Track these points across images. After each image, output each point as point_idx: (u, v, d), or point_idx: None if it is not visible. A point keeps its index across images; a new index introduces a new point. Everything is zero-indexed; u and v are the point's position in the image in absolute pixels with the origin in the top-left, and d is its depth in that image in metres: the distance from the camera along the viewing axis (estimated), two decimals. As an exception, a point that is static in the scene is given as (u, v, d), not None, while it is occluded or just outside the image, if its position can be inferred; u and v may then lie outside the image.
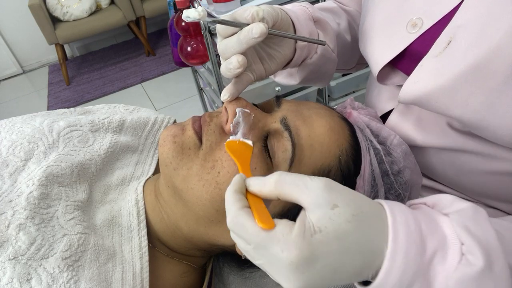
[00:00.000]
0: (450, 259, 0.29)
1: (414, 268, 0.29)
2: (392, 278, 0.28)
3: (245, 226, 0.29)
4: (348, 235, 0.28)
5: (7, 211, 0.42)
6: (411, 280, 0.28)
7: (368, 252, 0.29)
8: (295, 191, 0.30)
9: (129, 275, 0.44)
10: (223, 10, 1.35)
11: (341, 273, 0.29)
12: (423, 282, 0.29)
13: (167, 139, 0.46)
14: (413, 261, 0.29)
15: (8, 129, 0.55)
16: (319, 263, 0.28)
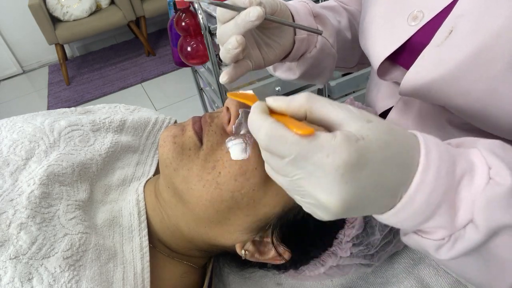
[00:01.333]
0: (477, 182, 0.28)
1: (444, 188, 0.28)
2: (421, 195, 0.28)
3: (283, 136, 0.27)
4: (389, 145, 0.27)
5: (8, 210, 0.42)
6: (439, 201, 0.28)
7: (406, 165, 0.28)
8: (327, 106, 0.28)
9: (130, 275, 0.44)
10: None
11: (381, 187, 0.28)
12: (449, 206, 0.28)
13: (167, 140, 0.46)
14: (443, 179, 0.28)
15: (9, 128, 0.55)
16: (365, 170, 0.26)
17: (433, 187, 0.28)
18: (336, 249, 0.48)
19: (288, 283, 0.58)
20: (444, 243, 0.29)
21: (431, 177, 0.28)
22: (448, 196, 0.28)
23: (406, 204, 0.28)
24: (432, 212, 0.28)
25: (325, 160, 0.26)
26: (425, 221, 0.29)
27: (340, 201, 0.26)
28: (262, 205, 0.45)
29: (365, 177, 0.26)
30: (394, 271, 0.55)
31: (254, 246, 0.48)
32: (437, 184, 0.28)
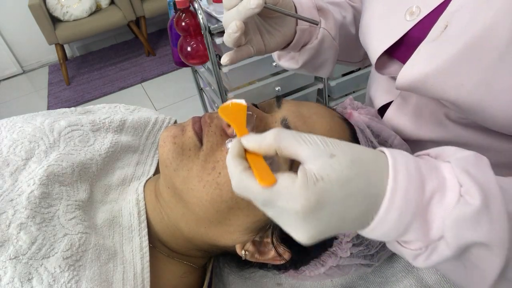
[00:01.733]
0: (448, 200, 0.30)
1: (413, 208, 0.29)
2: (391, 216, 0.29)
3: (249, 187, 0.30)
4: (350, 180, 0.29)
5: (8, 210, 0.42)
6: (410, 219, 0.29)
7: (371, 195, 0.29)
8: (293, 144, 0.30)
9: (130, 275, 0.44)
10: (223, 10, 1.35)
11: (347, 219, 0.29)
12: (421, 222, 0.29)
13: (167, 140, 0.46)
14: (412, 200, 0.29)
15: (9, 128, 0.55)
16: (324, 210, 0.28)
17: (402, 209, 0.29)
18: (336, 249, 0.48)
19: (288, 283, 0.58)
20: (421, 253, 0.31)
21: (399, 200, 0.29)
22: (419, 214, 0.29)
23: (377, 226, 0.30)
24: (404, 229, 0.29)
25: (286, 206, 0.28)
26: (399, 236, 0.30)
27: (307, 237, 0.29)
28: None
29: (327, 215, 0.29)
30: (393, 270, 0.55)
31: (254, 246, 0.48)
32: (406, 206, 0.29)
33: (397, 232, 0.30)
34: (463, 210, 0.29)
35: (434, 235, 0.30)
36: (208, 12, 1.40)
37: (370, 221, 0.30)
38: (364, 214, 0.30)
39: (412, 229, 0.29)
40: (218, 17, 1.35)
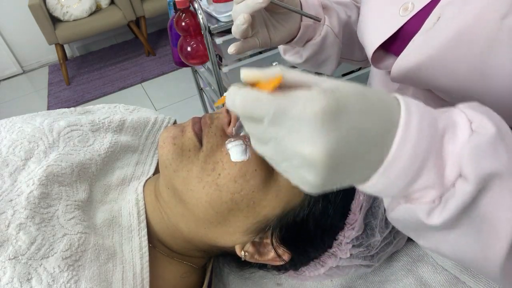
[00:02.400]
0: (460, 135, 0.28)
1: (429, 138, 0.27)
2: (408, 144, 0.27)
3: (258, 97, 0.26)
4: (366, 96, 0.27)
5: (7, 211, 0.42)
6: (426, 151, 0.27)
7: (386, 117, 0.27)
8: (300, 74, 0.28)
9: (129, 275, 0.44)
10: (223, 10, 1.35)
11: (365, 137, 0.27)
12: (435, 161, 0.28)
13: (166, 141, 0.46)
14: (426, 130, 0.27)
15: (8, 128, 0.55)
16: (344, 118, 0.25)
17: (418, 138, 0.27)
18: (336, 250, 0.48)
19: (288, 283, 0.58)
20: (435, 206, 0.28)
21: (414, 128, 0.27)
22: (434, 148, 0.28)
23: (395, 158, 0.27)
24: (420, 167, 0.27)
25: (303, 111, 0.25)
26: (414, 179, 0.28)
27: (324, 151, 0.25)
28: (262, 207, 0.45)
29: (346, 124, 0.26)
30: (392, 269, 0.55)
31: (254, 247, 0.48)
32: (421, 135, 0.27)
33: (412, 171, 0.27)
34: (479, 139, 0.27)
35: (450, 176, 0.28)
36: (208, 12, 1.40)
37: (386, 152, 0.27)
38: (380, 136, 0.27)
39: (427, 169, 0.27)
40: (218, 17, 1.35)
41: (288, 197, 0.45)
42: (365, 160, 0.27)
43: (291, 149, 0.26)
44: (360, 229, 0.46)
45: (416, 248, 0.55)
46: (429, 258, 0.53)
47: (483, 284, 0.46)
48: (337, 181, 0.28)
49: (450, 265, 0.50)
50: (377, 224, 0.47)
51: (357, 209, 0.46)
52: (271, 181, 0.44)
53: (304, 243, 0.47)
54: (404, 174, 0.27)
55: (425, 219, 0.29)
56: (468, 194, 0.27)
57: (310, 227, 0.46)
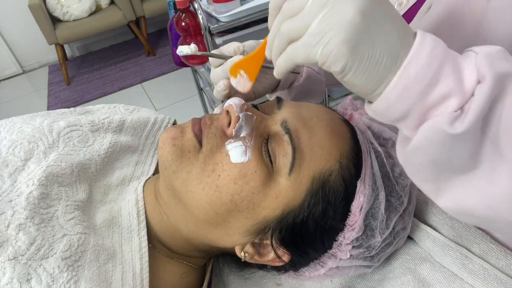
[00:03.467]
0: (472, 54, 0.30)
1: (443, 48, 0.30)
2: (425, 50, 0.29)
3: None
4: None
5: (7, 211, 0.42)
6: (442, 56, 0.29)
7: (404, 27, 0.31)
8: None
9: (129, 275, 0.44)
10: (222, 10, 1.35)
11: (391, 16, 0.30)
12: (453, 66, 0.29)
13: (166, 142, 0.46)
14: (441, 43, 0.30)
15: (8, 129, 0.55)
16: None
17: (434, 43, 0.29)
18: (335, 251, 0.48)
19: (288, 283, 0.58)
20: (458, 115, 0.29)
21: (430, 38, 0.30)
22: (450, 55, 0.30)
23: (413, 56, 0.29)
24: (438, 68, 0.29)
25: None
26: (433, 81, 0.29)
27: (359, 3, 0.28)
28: (262, 208, 0.45)
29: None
30: (391, 267, 0.55)
31: (253, 248, 0.48)
32: (437, 41, 0.30)
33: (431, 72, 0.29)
34: (489, 50, 0.29)
35: (469, 83, 0.29)
36: (208, 12, 1.40)
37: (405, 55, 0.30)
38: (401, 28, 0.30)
39: (445, 73, 0.29)
40: (218, 17, 1.35)
41: (288, 198, 0.44)
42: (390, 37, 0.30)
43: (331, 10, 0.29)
44: (360, 230, 0.46)
45: (415, 246, 0.55)
46: (428, 256, 0.53)
47: (481, 280, 0.46)
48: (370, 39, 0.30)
49: (449, 262, 0.50)
50: (377, 225, 0.47)
51: (357, 210, 0.46)
52: (271, 183, 0.44)
53: (304, 244, 0.47)
54: (422, 74, 0.29)
55: (448, 128, 0.29)
56: (487, 92, 0.28)
57: (310, 228, 0.46)
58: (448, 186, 0.33)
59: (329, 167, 0.45)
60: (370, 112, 0.34)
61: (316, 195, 0.45)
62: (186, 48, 0.48)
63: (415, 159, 0.34)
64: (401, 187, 0.49)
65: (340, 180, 0.45)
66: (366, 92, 0.32)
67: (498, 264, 0.47)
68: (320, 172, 0.45)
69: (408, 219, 0.51)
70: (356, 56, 0.29)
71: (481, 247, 0.49)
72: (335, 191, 0.45)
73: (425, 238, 0.54)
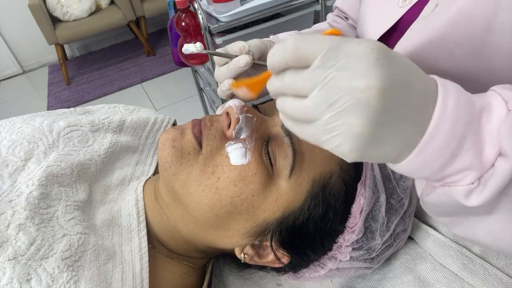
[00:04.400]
0: (496, 114, 0.28)
1: (466, 117, 0.27)
2: (445, 122, 0.27)
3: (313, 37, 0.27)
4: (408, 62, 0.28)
5: (7, 211, 0.42)
6: (464, 130, 0.27)
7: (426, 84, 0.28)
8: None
9: (129, 275, 0.44)
10: (222, 10, 1.35)
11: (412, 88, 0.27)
12: (475, 137, 0.27)
13: (166, 143, 0.46)
14: (464, 108, 0.27)
15: (8, 129, 0.55)
16: (396, 61, 0.27)
17: (456, 116, 0.27)
18: (335, 253, 0.48)
19: (288, 283, 0.58)
20: (474, 187, 0.28)
21: (452, 105, 0.27)
22: (472, 128, 0.27)
23: (432, 134, 0.27)
24: (458, 145, 0.27)
25: (358, 47, 0.26)
26: (451, 159, 0.28)
27: (380, 82, 0.25)
28: (262, 211, 0.44)
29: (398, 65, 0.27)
30: (391, 267, 0.55)
31: (253, 249, 0.48)
32: (458, 113, 0.27)
33: (449, 149, 0.27)
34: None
35: (489, 155, 0.27)
36: (208, 12, 1.40)
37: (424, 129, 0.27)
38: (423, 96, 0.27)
39: (466, 149, 0.27)
40: (218, 17, 1.35)
41: (288, 201, 0.44)
42: (411, 112, 0.27)
43: (342, 86, 0.26)
44: (360, 232, 0.46)
45: (415, 246, 0.55)
46: (428, 256, 0.53)
47: (481, 280, 0.46)
48: (381, 140, 0.27)
49: (449, 262, 0.50)
50: (378, 228, 0.47)
51: (357, 212, 0.46)
52: (271, 185, 0.44)
53: (303, 246, 0.47)
54: (440, 153, 0.27)
55: (463, 200, 0.28)
56: (508, 170, 0.26)
57: (310, 230, 0.46)
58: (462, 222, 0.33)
59: (330, 169, 0.45)
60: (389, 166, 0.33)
61: (316, 198, 0.45)
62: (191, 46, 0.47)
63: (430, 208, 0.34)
64: (402, 189, 0.49)
65: (341, 182, 0.45)
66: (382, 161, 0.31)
67: (498, 264, 0.47)
68: (321, 175, 0.45)
69: (408, 220, 0.51)
70: (365, 155, 0.28)
71: (481, 247, 0.49)
72: (335, 193, 0.45)
73: (425, 238, 0.54)
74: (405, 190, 0.49)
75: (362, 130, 0.26)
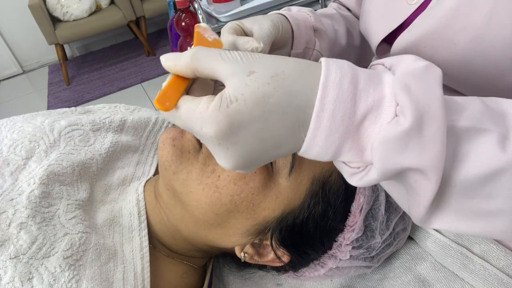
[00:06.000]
0: (381, 120, 0.27)
1: (342, 129, 0.27)
2: (318, 140, 0.27)
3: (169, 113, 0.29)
4: (268, 97, 0.26)
5: (8, 210, 0.42)
6: (338, 143, 0.27)
7: (295, 111, 0.27)
8: (212, 62, 0.28)
9: (130, 275, 0.44)
10: (223, 10, 1.35)
11: (270, 140, 0.27)
12: (353, 144, 0.27)
13: (166, 142, 0.46)
14: (340, 121, 0.27)
15: (9, 128, 0.55)
16: (240, 134, 0.27)
17: (330, 131, 0.27)
18: (335, 251, 0.48)
19: (288, 283, 0.58)
20: (357, 172, 0.29)
21: (326, 121, 0.27)
22: (350, 136, 0.27)
23: (307, 149, 0.28)
24: (335, 152, 0.28)
25: (202, 132, 0.27)
26: (333, 158, 0.28)
27: (231, 165, 0.28)
28: (262, 209, 0.45)
29: (244, 139, 0.27)
30: (391, 266, 0.55)
31: (253, 248, 0.48)
32: (332, 128, 0.27)
33: (328, 155, 0.28)
34: (390, 131, 0.26)
35: (368, 157, 0.28)
36: (208, 12, 1.41)
37: (301, 142, 0.28)
38: (291, 133, 0.28)
39: (344, 152, 0.28)
40: (218, 17, 1.35)
41: (288, 199, 0.45)
42: (280, 149, 0.29)
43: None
44: (360, 231, 0.46)
45: (415, 246, 0.55)
46: (428, 256, 0.53)
47: (481, 280, 0.46)
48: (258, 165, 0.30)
49: (449, 262, 0.50)
50: (378, 226, 0.47)
51: (357, 211, 0.46)
52: (271, 184, 0.44)
53: (303, 245, 0.47)
54: (322, 156, 0.28)
55: (347, 178, 0.30)
56: (376, 180, 0.28)
57: (309, 229, 0.46)
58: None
59: (329, 167, 0.45)
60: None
61: (316, 196, 0.45)
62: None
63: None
64: (401, 187, 0.49)
65: (340, 180, 0.46)
66: None
67: (498, 264, 0.47)
68: (320, 173, 0.45)
69: (408, 219, 0.51)
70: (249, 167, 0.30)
71: (481, 247, 0.49)
72: (335, 191, 0.45)
73: (425, 238, 0.54)
74: None
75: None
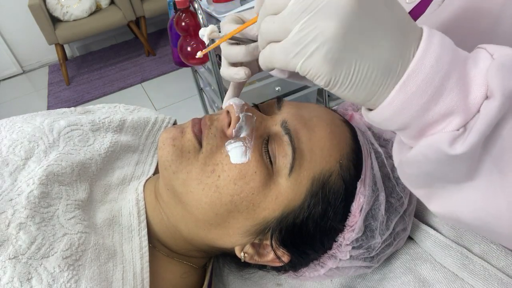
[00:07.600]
0: (482, 61, 0.27)
1: (451, 55, 0.26)
2: (430, 57, 0.26)
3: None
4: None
5: (7, 210, 0.42)
6: (448, 67, 0.26)
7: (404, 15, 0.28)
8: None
9: (129, 275, 0.44)
10: (223, 10, 1.35)
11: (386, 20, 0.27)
12: (459, 78, 0.26)
13: (166, 142, 0.46)
14: (449, 48, 0.26)
15: (8, 128, 0.55)
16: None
17: (440, 52, 0.26)
18: (335, 252, 0.48)
19: (288, 283, 0.58)
20: (459, 134, 0.26)
21: (437, 42, 0.26)
22: (457, 67, 0.26)
23: (415, 68, 0.26)
24: (441, 82, 0.26)
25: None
26: (435, 98, 0.26)
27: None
28: (262, 209, 0.45)
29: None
30: (391, 267, 0.55)
31: (253, 248, 0.48)
32: (443, 50, 0.26)
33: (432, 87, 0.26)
34: (503, 59, 0.26)
35: (476, 97, 0.26)
36: (208, 12, 1.40)
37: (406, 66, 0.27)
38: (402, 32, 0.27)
39: (450, 88, 0.26)
40: (218, 17, 1.35)
41: (288, 199, 0.44)
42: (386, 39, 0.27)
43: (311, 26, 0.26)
44: (360, 231, 0.46)
45: (415, 246, 0.55)
46: (428, 256, 0.53)
47: (482, 280, 0.46)
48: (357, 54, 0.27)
49: (449, 263, 0.50)
50: (378, 226, 0.47)
51: (357, 211, 0.46)
52: (271, 184, 0.44)
53: (303, 245, 0.47)
54: (423, 89, 0.26)
55: (447, 149, 0.27)
56: (494, 112, 0.25)
57: (309, 229, 0.46)
58: (440, 193, 0.32)
59: (329, 168, 0.45)
60: (367, 119, 0.32)
61: (316, 196, 0.45)
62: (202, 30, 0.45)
63: (409, 170, 0.32)
64: (401, 188, 0.49)
65: (340, 181, 0.45)
66: (359, 103, 0.30)
67: (498, 264, 0.47)
68: (320, 173, 0.45)
69: (408, 220, 0.51)
70: (339, 72, 0.27)
71: (481, 247, 0.49)
72: (335, 192, 0.45)
73: (425, 238, 0.54)
74: (405, 189, 0.49)
75: (336, 30, 0.26)
